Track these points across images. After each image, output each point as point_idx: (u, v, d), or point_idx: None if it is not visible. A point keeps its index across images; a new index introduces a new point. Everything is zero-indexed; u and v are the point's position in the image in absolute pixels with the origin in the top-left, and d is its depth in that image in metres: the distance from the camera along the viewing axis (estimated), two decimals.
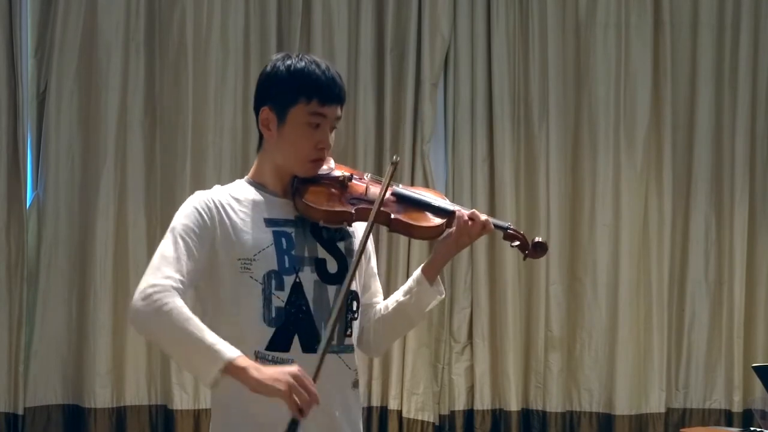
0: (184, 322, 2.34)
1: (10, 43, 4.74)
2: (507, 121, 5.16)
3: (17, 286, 4.77)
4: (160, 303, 2.36)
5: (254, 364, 2.33)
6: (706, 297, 5.27)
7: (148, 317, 2.38)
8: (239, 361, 2.31)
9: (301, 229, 2.55)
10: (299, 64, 2.55)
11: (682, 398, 5.27)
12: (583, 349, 5.19)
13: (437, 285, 2.65)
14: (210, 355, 2.31)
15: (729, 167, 5.25)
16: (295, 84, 2.53)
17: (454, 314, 5.16)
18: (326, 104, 2.53)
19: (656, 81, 5.23)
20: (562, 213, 5.19)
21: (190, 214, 2.50)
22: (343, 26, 5.08)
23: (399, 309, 2.66)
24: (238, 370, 2.30)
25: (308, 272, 2.52)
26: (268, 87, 2.57)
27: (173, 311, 2.35)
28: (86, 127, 4.90)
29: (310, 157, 2.55)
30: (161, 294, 2.37)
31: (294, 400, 2.27)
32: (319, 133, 2.53)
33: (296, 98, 2.52)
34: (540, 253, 2.69)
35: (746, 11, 5.25)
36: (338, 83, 2.56)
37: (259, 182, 2.59)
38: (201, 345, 2.32)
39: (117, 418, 4.88)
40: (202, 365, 2.33)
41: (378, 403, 5.08)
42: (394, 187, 2.62)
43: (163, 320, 2.35)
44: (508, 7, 5.17)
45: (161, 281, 2.38)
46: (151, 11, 4.94)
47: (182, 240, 2.46)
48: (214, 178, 4.88)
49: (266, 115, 2.55)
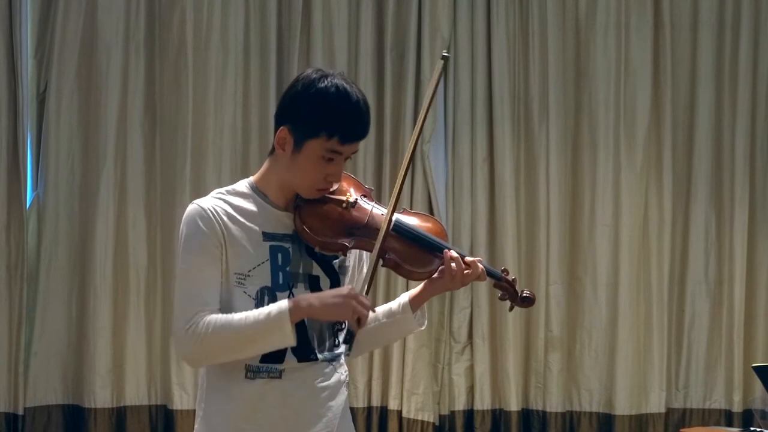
0: (230, 325, 2.41)
1: (10, 43, 4.74)
2: (507, 121, 5.16)
3: (17, 285, 4.77)
4: (202, 330, 2.41)
5: (308, 299, 2.42)
6: (706, 297, 5.27)
7: (201, 349, 2.43)
8: (294, 307, 2.40)
9: (297, 245, 2.53)
10: (331, 91, 2.43)
11: (682, 398, 5.27)
12: (583, 349, 5.19)
13: (422, 315, 2.67)
14: (274, 325, 2.39)
15: (729, 167, 5.25)
16: (321, 116, 2.43)
17: (454, 314, 5.16)
18: (346, 143, 2.46)
19: (656, 81, 5.23)
20: (562, 213, 5.19)
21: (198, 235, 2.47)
22: (343, 26, 5.08)
23: (380, 328, 2.67)
24: (301, 311, 2.41)
25: (302, 289, 2.51)
26: (293, 108, 2.47)
27: (216, 325, 2.41)
28: (86, 127, 4.90)
29: (317, 186, 2.51)
30: (198, 325, 2.42)
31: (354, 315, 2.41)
32: (332, 166, 2.48)
33: (317, 132, 2.44)
34: (526, 305, 2.68)
35: (746, 11, 5.24)
36: (365, 122, 2.48)
37: (262, 190, 2.55)
38: (258, 326, 2.40)
39: (117, 418, 4.88)
40: (277, 337, 2.41)
41: (378, 403, 5.08)
42: (397, 215, 2.56)
43: (215, 339, 2.41)
44: (508, 7, 5.17)
45: (195, 318, 2.43)
46: (151, 11, 4.94)
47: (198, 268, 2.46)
48: (214, 178, 4.89)
49: (284, 135, 2.48)
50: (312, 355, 2.51)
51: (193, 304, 2.43)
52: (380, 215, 2.54)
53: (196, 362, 2.52)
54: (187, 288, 2.46)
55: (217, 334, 2.40)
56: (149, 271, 4.93)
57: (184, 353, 2.48)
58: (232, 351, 2.45)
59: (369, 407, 5.06)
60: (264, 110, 4.99)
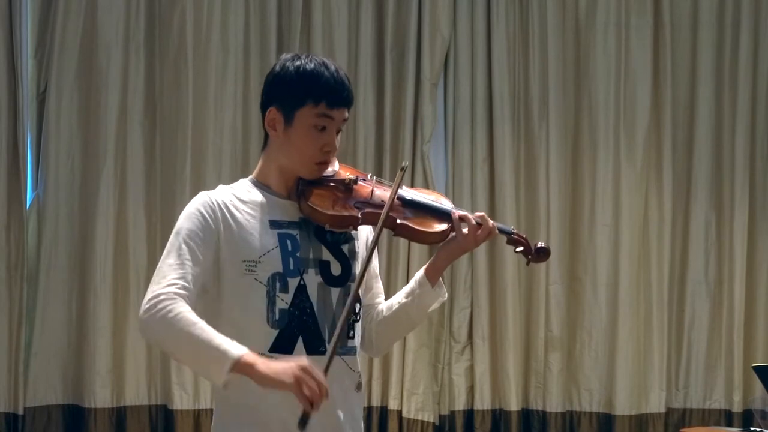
0: (190, 327, 2.35)
1: (10, 43, 4.74)
2: (507, 121, 5.16)
3: (17, 286, 4.77)
4: (165, 311, 2.36)
5: (262, 360, 2.32)
6: (706, 297, 5.27)
7: (155, 326, 2.38)
8: (246, 357, 2.31)
9: (305, 232, 2.54)
10: (308, 65, 2.52)
11: (682, 398, 5.27)
12: (583, 349, 5.19)
13: (439, 287, 2.65)
14: (218, 355, 2.31)
15: (729, 167, 5.25)
16: (304, 86, 2.50)
17: (454, 314, 5.16)
18: (334, 107, 2.51)
19: (656, 81, 5.23)
20: (562, 213, 5.19)
21: (193, 217, 2.49)
22: (343, 26, 5.08)
23: (401, 310, 2.66)
24: (246, 367, 2.30)
25: (312, 274, 2.52)
26: (276, 87, 2.55)
27: (178, 317, 2.35)
28: (86, 127, 4.90)
29: (316, 159, 2.54)
30: (166, 302, 2.37)
31: (304, 392, 2.26)
32: (325, 135, 2.53)
33: (304, 100, 2.50)
34: (543, 257, 2.70)
35: (746, 11, 5.24)
36: (347, 86, 2.55)
37: (264, 183, 2.58)
38: (208, 347, 2.33)
39: (117, 418, 4.88)
40: (212, 367, 2.33)
41: (378, 403, 5.08)
42: (400, 190, 2.60)
43: (170, 328, 2.36)
44: (508, 7, 5.17)
45: (165, 289, 2.39)
46: (151, 11, 4.94)
47: (186, 245, 2.45)
48: (214, 178, 4.89)
49: (273, 116, 2.54)
50: (322, 348, 2.50)
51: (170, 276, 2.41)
52: (383, 190, 2.59)
53: (144, 333, 2.45)
54: (167, 260, 2.45)
55: (173, 324, 2.35)
56: (149, 271, 4.90)
57: (142, 321, 2.40)
58: (173, 348, 2.43)
59: (369, 407, 5.05)
60: None
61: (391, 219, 2.54)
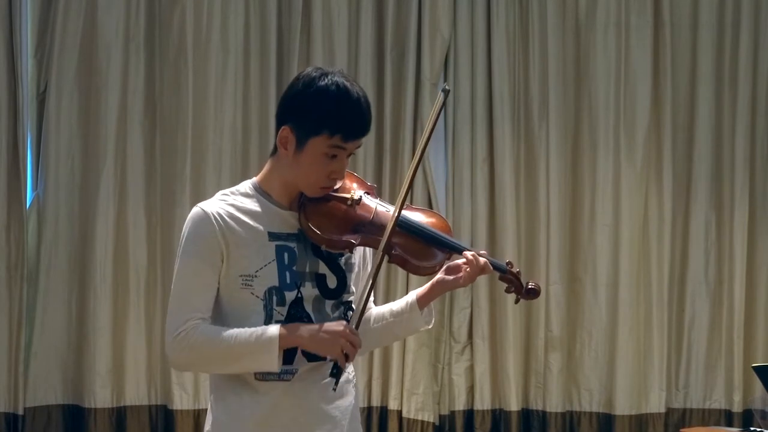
0: (219, 340, 2.42)
1: (10, 43, 4.74)
2: (507, 121, 5.16)
3: (17, 286, 4.77)
4: (191, 339, 2.44)
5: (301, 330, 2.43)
6: (706, 297, 5.27)
7: (188, 358, 2.48)
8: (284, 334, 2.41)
9: (303, 244, 2.53)
10: (331, 89, 2.43)
11: (682, 398, 5.27)
12: (583, 349, 5.19)
13: (428, 313, 2.67)
14: (262, 347, 2.40)
15: (729, 167, 5.25)
16: (323, 114, 2.43)
17: (454, 314, 5.16)
18: (349, 141, 2.46)
19: (656, 81, 5.23)
20: (562, 213, 5.19)
21: (197, 238, 2.48)
22: (343, 26, 5.08)
23: (386, 327, 2.68)
24: (291, 341, 2.42)
25: (309, 287, 2.52)
26: (295, 105, 2.47)
27: (205, 337, 2.43)
28: (86, 127, 4.90)
29: (321, 184, 2.51)
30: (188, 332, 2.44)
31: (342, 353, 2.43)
32: (335, 163, 2.48)
33: (319, 130, 2.43)
34: (532, 297, 2.71)
35: (746, 11, 5.24)
36: (366, 118, 2.47)
37: (266, 190, 2.55)
38: (247, 346, 2.41)
39: (117, 418, 4.88)
40: (263, 359, 2.41)
41: (378, 403, 5.08)
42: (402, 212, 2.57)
43: (202, 351, 2.44)
44: (508, 7, 5.17)
45: (185, 325, 2.45)
46: (151, 11, 4.94)
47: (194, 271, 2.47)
48: (214, 178, 4.89)
49: (286, 134, 2.48)
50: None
51: (185, 309, 2.45)
52: (385, 212, 2.56)
53: (182, 368, 2.56)
54: (181, 292, 2.48)
55: (205, 345, 2.43)
56: (149, 271, 4.93)
57: (171, 358, 2.50)
58: (217, 365, 2.48)
59: (369, 407, 5.06)
60: (264, 110, 4.99)
61: (388, 246, 2.52)
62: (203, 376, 4.83)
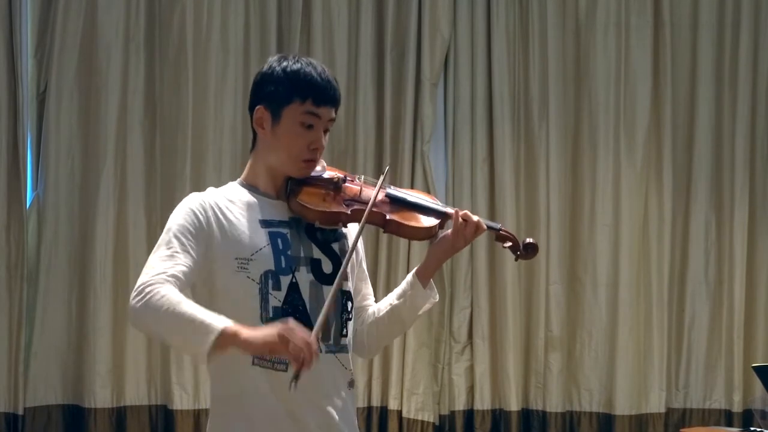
0: (175, 305, 2.33)
1: (10, 43, 4.74)
2: (507, 121, 5.16)
3: (17, 286, 4.77)
4: (151, 294, 2.35)
5: (245, 328, 2.30)
6: (706, 297, 5.27)
7: (141, 311, 2.37)
8: (230, 328, 2.29)
9: (295, 230, 2.56)
10: (295, 65, 2.56)
11: (682, 398, 5.27)
12: (583, 349, 5.19)
13: (430, 288, 2.67)
14: (202, 329, 2.29)
15: (729, 167, 5.25)
16: (291, 83, 2.54)
17: (454, 314, 5.16)
18: (321, 105, 2.54)
19: (656, 81, 5.23)
20: (562, 213, 5.19)
21: (185, 214, 2.51)
22: (343, 26, 5.08)
23: (392, 312, 2.67)
24: (231, 337, 2.28)
25: (304, 272, 2.53)
26: (264, 86, 2.58)
27: (164, 298, 2.34)
28: (86, 127, 4.90)
29: (303, 156, 2.56)
30: (152, 287, 2.36)
31: (290, 350, 2.25)
32: (312, 133, 2.55)
33: (291, 97, 2.53)
34: (531, 253, 2.70)
35: (746, 11, 5.24)
36: (333, 85, 2.58)
37: (252, 184, 2.60)
38: (193, 322, 2.31)
39: (117, 418, 4.88)
40: (196, 342, 2.30)
41: (378, 403, 5.08)
42: (387, 189, 2.64)
43: (155, 309, 2.34)
44: (508, 7, 5.17)
45: (153, 278, 2.38)
46: (151, 11, 4.94)
47: (176, 239, 2.46)
48: (214, 178, 4.89)
49: (261, 114, 2.56)
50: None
51: (155, 270, 2.40)
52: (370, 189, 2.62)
53: (133, 321, 2.44)
54: (158, 254, 2.45)
55: (161, 305, 2.34)
56: None
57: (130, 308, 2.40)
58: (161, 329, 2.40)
59: (369, 407, 5.06)
60: None
61: (379, 215, 2.57)
62: (204, 376, 4.83)
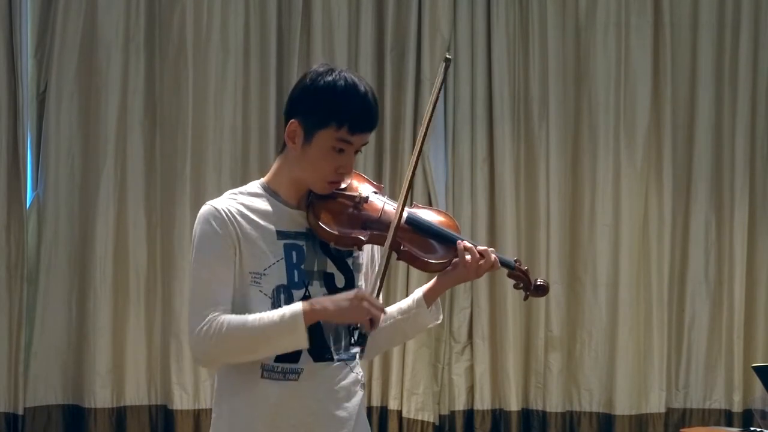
0: (244, 325, 2.42)
1: (10, 43, 4.74)
2: (507, 121, 5.16)
3: (17, 286, 4.77)
4: (216, 330, 2.42)
5: (322, 302, 2.44)
6: (706, 297, 5.27)
7: (215, 349, 2.44)
8: (307, 308, 2.42)
9: (311, 243, 2.53)
10: (339, 83, 2.46)
11: (682, 398, 5.27)
12: (583, 349, 5.19)
13: (436, 309, 2.67)
14: (287, 328, 2.40)
15: (729, 167, 5.25)
16: (329, 106, 2.45)
17: (454, 314, 5.16)
18: (356, 133, 2.47)
19: (656, 81, 5.23)
20: (562, 213, 5.19)
21: (212, 237, 2.48)
22: (343, 26, 5.08)
23: (395, 326, 2.68)
24: (316, 315, 2.43)
25: (317, 286, 2.52)
26: (304, 100, 2.49)
27: (228, 326, 2.42)
28: (86, 127, 4.90)
29: (329, 179, 2.52)
30: (211, 325, 2.43)
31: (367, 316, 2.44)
32: (342, 158, 2.49)
33: (327, 122, 2.45)
34: (541, 293, 2.72)
35: (746, 11, 5.24)
36: (373, 113, 2.50)
37: (274, 190, 2.56)
38: (273, 328, 2.41)
39: (117, 418, 4.88)
40: (290, 340, 2.42)
41: (378, 403, 5.08)
42: (408, 209, 2.59)
43: (228, 339, 2.42)
44: (508, 7, 5.17)
45: (206, 319, 2.44)
46: (151, 11, 4.94)
47: (213, 270, 2.47)
48: (214, 178, 4.89)
49: (294, 128, 2.50)
50: (328, 355, 2.52)
51: (206, 305, 2.44)
52: (393, 210, 2.56)
53: (211, 363, 2.52)
54: (200, 288, 2.47)
55: (231, 333, 2.41)
56: (149, 271, 4.93)
57: (198, 353, 2.47)
58: (246, 351, 2.46)
59: (369, 407, 5.05)
60: (264, 110, 4.98)
61: (395, 243, 2.53)
62: (203, 376, 4.84)
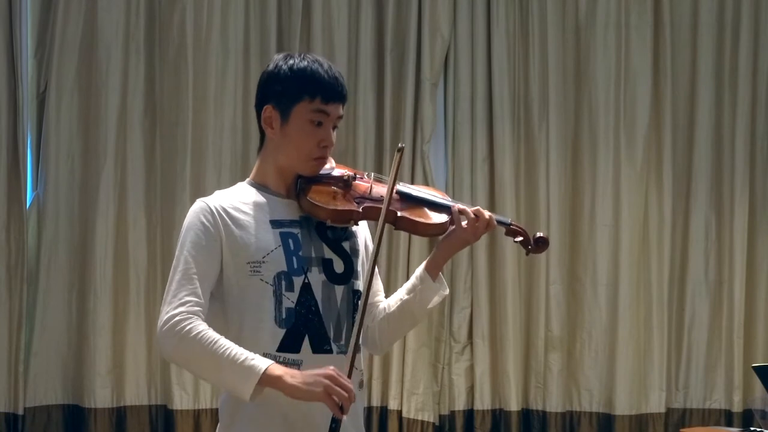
0: (211, 345, 2.39)
1: (10, 43, 4.74)
2: (507, 121, 5.16)
3: (17, 286, 4.77)
4: (184, 331, 2.41)
5: (288, 371, 2.37)
6: (706, 297, 5.27)
7: (175, 347, 2.43)
8: (272, 370, 2.36)
9: (306, 230, 2.56)
10: (302, 63, 2.56)
11: (682, 398, 5.27)
12: (583, 349, 5.19)
13: (440, 281, 2.67)
14: (243, 371, 2.36)
15: (729, 167, 5.25)
16: (299, 82, 2.53)
17: (454, 314, 5.16)
18: (329, 102, 2.54)
19: (656, 81, 5.23)
20: (562, 213, 5.19)
21: (195, 228, 2.51)
22: (343, 26, 5.08)
23: (403, 307, 2.67)
24: (274, 380, 2.36)
25: (316, 273, 2.53)
26: (271, 85, 2.57)
27: (198, 336, 2.40)
28: (86, 127, 4.90)
29: (313, 154, 2.56)
30: (183, 323, 2.42)
31: (333, 400, 2.35)
32: (321, 131, 2.55)
33: (300, 96, 2.53)
34: (542, 247, 2.73)
35: (746, 11, 5.24)
36: (341, 82, 2.58)
37: (261, 183, 2.60)
38: (232, 364, 2.37)
39: (117, 418, 4.88)
40: (238, 383, 2.37)
41: (378, 403, 5.08)
42: (397, 185, 2.63)
43: (191, 347, 2.41)
44: (508, 7, 5.17)
45: (180, 309, 2.43)
46: (151, 11, 4.94)
47: (193, 258, 2.48)
48: (214, 178, 4.89)
49: (269, 114, 2.56)
50: (327, 346, 2.52)
51: (180, 295, 2.45)
52: (381, 186, 2.62)
53: (165, 354, 2.49)
54: (177, 279, 2.48)
55: (196, 344, 2.40)
56: (149, 271, 4.93)
57: (160, 344, 2.46)
58: (197, 367, 2.47)
59: (369, 407, 5.05)
60: None
61: (391, 212, 2.56)
62: None
